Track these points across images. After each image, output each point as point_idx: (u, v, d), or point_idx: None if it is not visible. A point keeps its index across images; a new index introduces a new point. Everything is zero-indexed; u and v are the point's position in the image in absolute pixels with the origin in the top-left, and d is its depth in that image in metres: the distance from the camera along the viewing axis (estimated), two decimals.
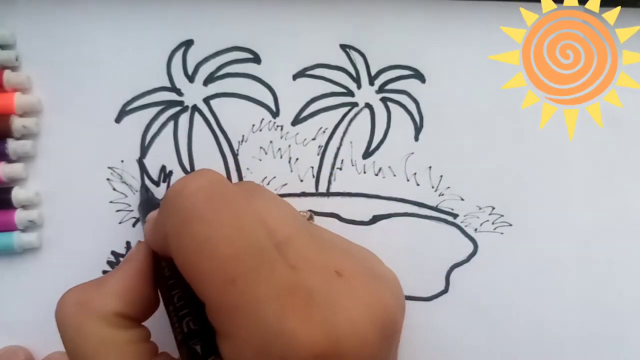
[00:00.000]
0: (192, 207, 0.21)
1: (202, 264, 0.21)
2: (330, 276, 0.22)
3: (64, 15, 0.32)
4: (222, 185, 0.23)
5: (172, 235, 0.22)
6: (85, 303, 0.24)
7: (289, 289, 0.20)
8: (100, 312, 0.23)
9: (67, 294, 0.24)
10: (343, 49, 0.33)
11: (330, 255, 0.24)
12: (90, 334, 0.23)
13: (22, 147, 0.31)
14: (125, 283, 0.24)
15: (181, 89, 0.33)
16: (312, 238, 0.24)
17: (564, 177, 0.34)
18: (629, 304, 0.33)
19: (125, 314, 0.24)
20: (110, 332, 0.23)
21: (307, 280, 0.21)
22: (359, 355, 0.21)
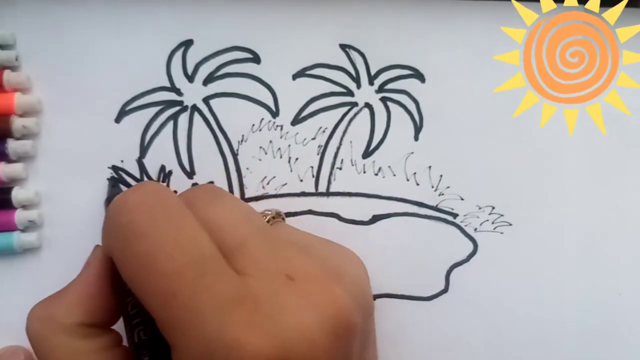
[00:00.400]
0: (131, 224, 0.21)
1: (144, 279, 0.21)
2: (280, 280, 0.22)
3: (64, 15, 0.32)
4: (162, 198, 0.22)
5: (115, 252, 0.22)
6: (47, 318, 0.24)
7: (232, 298, 0.20)
8: (63, 325, 0.23)
9: (32, 310, 0.24)
10: (343, 48, 0.33)
11: (284, 258, 0.23)
12: (57, 348, 0.23)
13: (22, 147, 0.31)
14: (85, 291, 0.24)
15: (181, 88, 0.33)
16: (267, 241, 0.24)
17: (564, 177, 0.34)
18: (629, 304, 0.33)
19: (88, 322, 0.24)
20: (76, 342, 0.23)
21: (255, 287, 0.21)
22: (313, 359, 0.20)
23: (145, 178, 0.32)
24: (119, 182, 0.32)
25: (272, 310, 0.20)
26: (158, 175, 0.32)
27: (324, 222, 0.33)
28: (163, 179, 0.32)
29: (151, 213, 0.22)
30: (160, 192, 0.23)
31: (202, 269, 0.21)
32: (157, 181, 0.32)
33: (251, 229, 0.24)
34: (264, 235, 0.24)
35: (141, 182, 0.23)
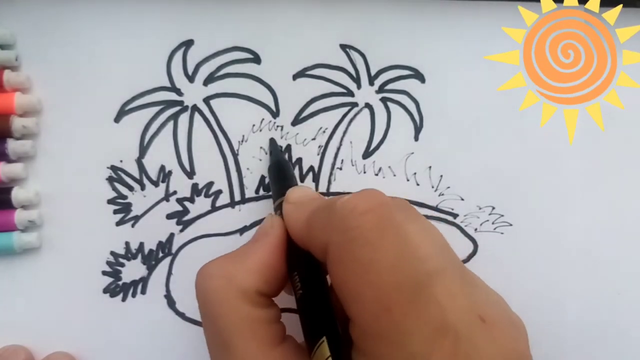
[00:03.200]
0: (360, 228, 0.21)
1: (361, 287, 0.21)
2: (474, 321, 0.22)
3: (64, 15, 0.32)
4: (389, 209, 0.22)
5: (335, 251, 0.22)
6: (229, 278, 0.24)
7: (437, 329, 0.20)
8: (243, 289, 0.23)
9: (210, 266, 0.25)
10: (343, 49, 0.33)
11: (474, 297, 0.23)
12: (233, 311, 0.23)
13: (22, 147, 0.31)
14: (265, 260, 0.25)
15: (181, 88, 0.33)
16: (458, 274, 0.24)
17: (564, 177, 0.34)
18: (629, 303, 0.33)
19: (264, 292, 0.24)
20: (252, 309, 0.23)
21: (454, 322, 0.21)
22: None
23: (145, 178, 0.32)
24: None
25: (469, 349, 0.21)
26: (157, 175, 0.32)
27: None
28: (162, 179, 0.32)
29: (380, 223, 0.22)
30: (387, 202, 0.23)
31: (418, 290, 0.21)
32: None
33: (447, 258, 0.24)
34: (458, 268, 0.24)
35: (369, 190, 0.23)
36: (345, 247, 0.21)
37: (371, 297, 0.21)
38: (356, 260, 0.21)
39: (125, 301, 0.32)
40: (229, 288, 0.23)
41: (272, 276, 0.25)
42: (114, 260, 0.32)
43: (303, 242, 0.25)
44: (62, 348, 0.31)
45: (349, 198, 0.22)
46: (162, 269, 0.32)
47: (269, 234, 0.26)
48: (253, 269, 0.24)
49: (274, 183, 0.31)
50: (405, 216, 0.24)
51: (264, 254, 0.25)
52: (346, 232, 0.22)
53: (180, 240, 0.32)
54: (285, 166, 0.31)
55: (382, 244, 0.21)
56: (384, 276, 0.21)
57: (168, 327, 0.32)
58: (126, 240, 0.32)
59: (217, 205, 0.32)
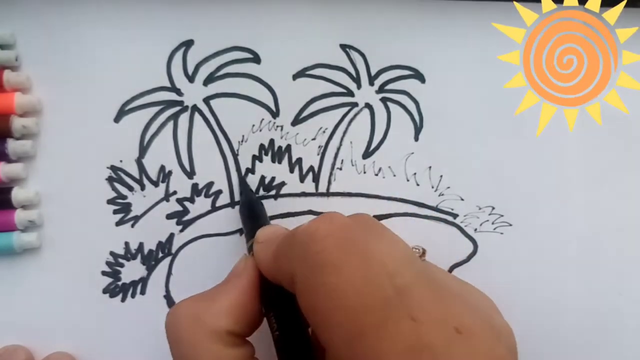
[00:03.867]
0: (322, 253, 0.21)
1: (330, 313, 0.21)
2: (450, 333, 0.21)
3: (64, 15, 0.32)
4: (350, 229, 0.22)
5: (301, 280, 0.22)
6: (199, 318, 0.24)
7: (412, 347, 0.20)
8: (213, 329, 0.23)
9: (180, 305, 0.25)
10: (343, 49, 0.33)
11: (449, 307, 0.23)
12: (204, 350, 0.23)
13: (22, 147, 0.31)
14: (236, 300, 0.24)
15: (181, 88, 0.33)
16: (430, 285, 0.23)
17: (564, 177, 0.34)
18: (629, 304, 0.33)
19: (235, 331, 0.24)
20: (222, 349, 0.23)
21: (429, 337, 0.20)
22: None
23: (145, 178, 0.32)
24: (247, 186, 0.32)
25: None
26: (157, 175, 0.32)
27: None
28: (163, 179, 0.32)
29: (342, 246, 0.22)
30: (348, 224, 0.23)
31: (387, 309, 0.20)
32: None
33: (415, 271, 0.23)
34: (427, 279, 0.23)
35: (328, 213, 0.23)
36: (310, 275, 0.21)
37: (341, 322, 0.20)
38: (322, 286, 0.21)
39: (124, 301, 0.32)
40: (198, 327, 0.23)
41: (243, 316, 0.24)
42: (113, 260, 0.32)
43: (273, 277, 0.25)
44: (62, 348, 0.31)
45: (308, 224, 0.22)
46: (161, 269, 0.32)
47: (241, 275, 0.26)
48: (223, 308, 0.24)
49: (245, 224, 0.30)
50: (368, 234, 0.24)
51: (234, 294, 0.25)
52: (309, 259, 0.21)
53: (180, 241, 0.32)
54: (255, 206, 0.31)
55: (346, 267, 0.21)
56: (352, 300, 0.20)
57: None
58: (126, 240, 0.32)
59: (217, 205, 0.32)
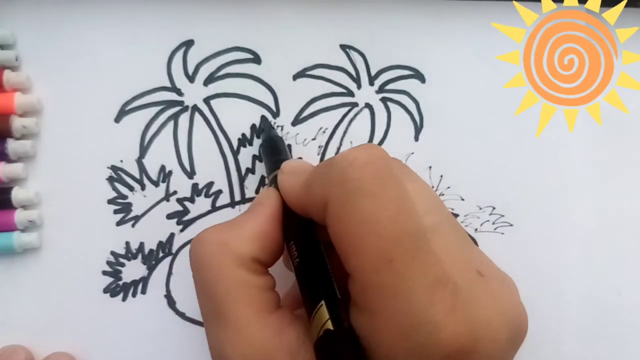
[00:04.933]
0: (361, 180, 0.21)
1: (363, 238, 0.21)
2: (472, 274, 0.22)
3: (64, 15, 0.32)
4: (389, 162, 0.22)
5: (335, 204, 0.22)
6: (224, 243, 0.24)
7: (438, 279, 0.20)
8: (238, 255, 0.23)
9: (205, 233, 0.24)
10: (343, 49, 0.33)
11: (470, 253, 0.24)
12: (228, 275, 0.23)
13: (22, 147, 0.31)
14: (260, 228, 0.25)
15: (181, 88, 0.33)
16: (455, 230, 0.24)
17: (564, 177, 0.34)
18: (629, 303, 0.34)
19: (259, 259, 0.24)
20: (246, 275, 0.23)
21: (453, 274, 0.21)
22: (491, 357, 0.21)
23: (145, 178, 0.32)
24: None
25: (468, 301, 0.21)
26: (158, 175, 0.32)
27: None
28: (163, 179, 0.32)
29: (380, 175, 0.21)
30: (387, 156, 0.23)
31: (417, 241, 0.21)
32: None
33: (443, 215, 0.24)
34: (451, 224, 0.24)
35: (367, 144, 0.23)
36: (346, 199, 0.21)
37: (372, 247, 0.20)
38: (357, 211, 0.21)
39: (125, 301, 0.32)
40: (224, 253, 0.23)
41: (268, 244, 0.24)
42: (114, 260, 0.32)
43: (301, 205, 0.25)
44: (62, 348, 0.31)
45: (348, 151, 0.22)
46: (162, 269, 0.32)
47: (264, 204, 0.26)
48: (249, 235, 0.24)
49: (267, 158, 0.30)
50: (403, 172, 0.24)
51: (259, 222, 0.25)
52: (346, 184, 0.21)
53: (180, 240, 0.32)
54: (278, 141, 0.31)
55: (382, 195, 0.21)
56: (385, 226, 0.20)
57: (168, 327, 0.32)
58: (126, 240, 0.32)
59: (217, 206, 0.32)
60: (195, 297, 0.24)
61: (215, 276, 0.23)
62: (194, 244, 0.24)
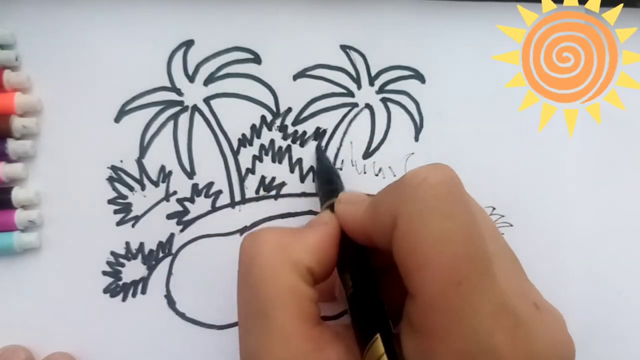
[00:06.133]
0: (434, 198, 0.21)
1: (433, 257, 0.20)
2: (530, 306, 0.22)
3: (64, 15, 0.32)
4: (459, 182, 0.22)
5: (405, 221, 0.21)
6: (284, 246, 0.24)
7: (502, 308, 0.20)
8: (296, 261, 0.23)
9: (265, 231, 0.24)
10: (343, 49, 0.33)
11: (526, 284, 0.24)
12: (281, 277, 0.23)
13: (22, 147, 0.31)
14: (321, 243, 0.25)
15: (181, 89, 0.33)
16: (512, 258, 0.24)
17: (564, 177, 0.34)
18: (629, 303, 0.34)
19: (313, 271, 0.24)
20: (299, 283, 0.23)
21: (514, 304, 0.21)
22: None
23: (145, 178, 0.32)
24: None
25: (528, 331, 0.21)
26: (158, 175, 0.32)
27: None
28: (163, 179, 0.32)
29: (453, 195, 0.21)
30: (457, 177, 0.23)
31: (485, 266, 0.21)
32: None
33: (502, 242, 0.24)
34: (511, 252, 0.24)
35: (438, 163, 0.23)
36: (418, 216, 0.21)
37: (441, 268, 0.20)
38: (428, 229, 0.21)
39: (125, 301, 0.32)
40: (282, 255, 0.23)
41: (324, 260, 0.24)
42: (114, 260, 0.32)
43: (363, 230, 0.25)
44: (62, 348, 0.31)
45: (418, 169, 0.22)
46: (162, 269, 0.32)
47: (327, 223, 0.26)
48: (309, 245, 0.24)
49: (321, 188, 0.31)
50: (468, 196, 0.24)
51: (320, 237, 0.25)
52: (418, 202, 0.21)
53: (180, 241, 0.32)
54: (332, 171, 0.31)
55: (455, 216, 0.21)
56: (456, 247, 0.20)
57: (168, 327, 0.32)
58: (126, 240, 0.32)
59: (217, 206, 0.32)
60: (196, 296, 0.24)
61: (269, 275, 0.23)
62: (250, 240, 0.24)
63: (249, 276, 0.23)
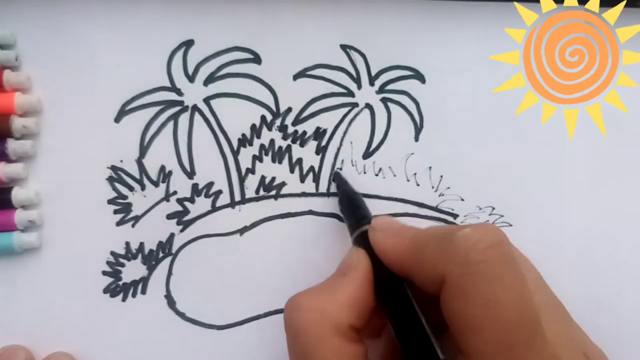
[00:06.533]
0: (484, 263, 0.22)
1: (485, 321, 0.21)
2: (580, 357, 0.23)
3: (64, 15, 0.32)
4: (509, 245, 0.23)
5: (455, 283, 0.22)
6: (322, 311, 0.24)
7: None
8: (337, 323, 0.23)
9: (300, 299, 0.25)
10: (343, 49, 0.33)
11: (574, 331, 0.24)
12: (326, 345, 0.23)
13: (22, 147, 0.31)
14: (357, 294, 0.24)
15: (181, 88, 0.33)
16: (557, 306, 0.24)
17: (564, 177, 0.34)
18: (629, 303, 0.34)
19: (355, 326, 0.24)
20: (346, 344, 0.23)
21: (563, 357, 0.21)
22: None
23: (145, 178, 0.32)
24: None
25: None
26: (158, 176, 0.32)
27: (324, 222, 0.33)
28: (163, 179, 0.32)
29: (504, 259, 0.22)
30: (507, 240, 0.23)
31: (536, 327, 0.21)
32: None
33: (547, 290, 0.25)
34: (555, 299, 0.25)
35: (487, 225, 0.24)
36: (470, 280, 0.22)
37: (494, 332, 0.21)
38: (480, 294, 0.21)
39: (125, 301, 0.32)
40: (322, 322, 0.23)
41: (363, 310, 0.24)
42: (114, 260, 0.32)
43: (404, 267, 0.25)
44: (62, 348, 0.31)
45: (470, 232, 0.23)
46: (162, 269, 0.32)
47: (358, 268, 0.25)
48: (345, 302, 0.24)
49: (348, 215, 0.31)
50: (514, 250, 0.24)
51: (354, 288, 0.25)
52: (470, 265, 0.22)
53: (180, 241, 0.32)
54: (356, 196, 0.31)
55: (506, 280, 0.21)
56: (509, 312, 0.21)
57: (168, 327, 0.32)
58: (126, 240, 0.32)
59: (217, 206, 0.32)
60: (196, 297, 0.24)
61: (314, 346, 0.23)
62: (290, 310, 0.24)
63: (296, 347, 0.24)
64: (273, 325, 0.32)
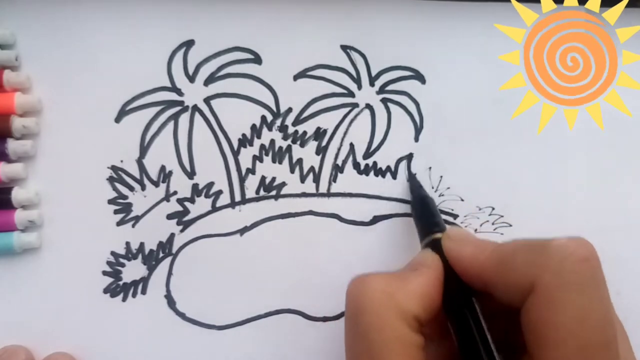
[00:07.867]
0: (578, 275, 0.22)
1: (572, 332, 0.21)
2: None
3: (64, 15, 0.32)
4: (600, 263, 0.23)
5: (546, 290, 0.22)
6: (392, 295, 0.23)
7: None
8: (404, 309, 0.23)
9: (370, 278, 0.24)
10: (344, 49, 0.33)
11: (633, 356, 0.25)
12: (391, 327, 0.23)
13: (22, 147, 0.31)
14: (427, 289, 0.24)
15: (182, 89, 0.33)
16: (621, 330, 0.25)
17: (564, 177, 0.34)
18: (628, 303, 0.33)
19: (420, 318, 0.24)
20: (408, 331, 0.23)
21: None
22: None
23: (145, 178, 0.32)
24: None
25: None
26: (158, 176, 0.32)
27: (324, 222, 0.33)
28: (163, 179, 0.32)
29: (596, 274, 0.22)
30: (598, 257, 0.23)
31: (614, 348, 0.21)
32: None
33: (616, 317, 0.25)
34: (621, 326, 0.26)
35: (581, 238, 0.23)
36: (563, 289, 0.22)
37: (578, 343, 0.21)
38: (570, 303, 0.21)
39: (125, 301, 0.32)
40: (389, 304, 0.23)
41: (430, 305, 0.24)
42: (114, 260, 0.32)
43: (484, 277, 0.25)
44: (62, 348, 0.31)
45: (567, 242, 0.23)
46: (162, 269, 0.32)
47: (431, 266, 0.25)
48: (415, 292, 0.24)
49: (420, 220, 0.30)
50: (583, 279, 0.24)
51: (425, 283, 0.25)
52: (564, 275, 0.22)
53: (180, 241, 0.32)
54: (430, 202, 0.31)
55: (596, 294, 0.22)
56: (592, 330, 0.21)
57: (168, 327, 0.32)
58: (126, 240, 0.32)
59: (217, 206, 0.32)
60: (196, 297, 0.24)
61: (378, 325, 0.23)
62: (356, 286, 0.24)
63: (358, 325, 0.24)
64: (273, 325, 0.32)
